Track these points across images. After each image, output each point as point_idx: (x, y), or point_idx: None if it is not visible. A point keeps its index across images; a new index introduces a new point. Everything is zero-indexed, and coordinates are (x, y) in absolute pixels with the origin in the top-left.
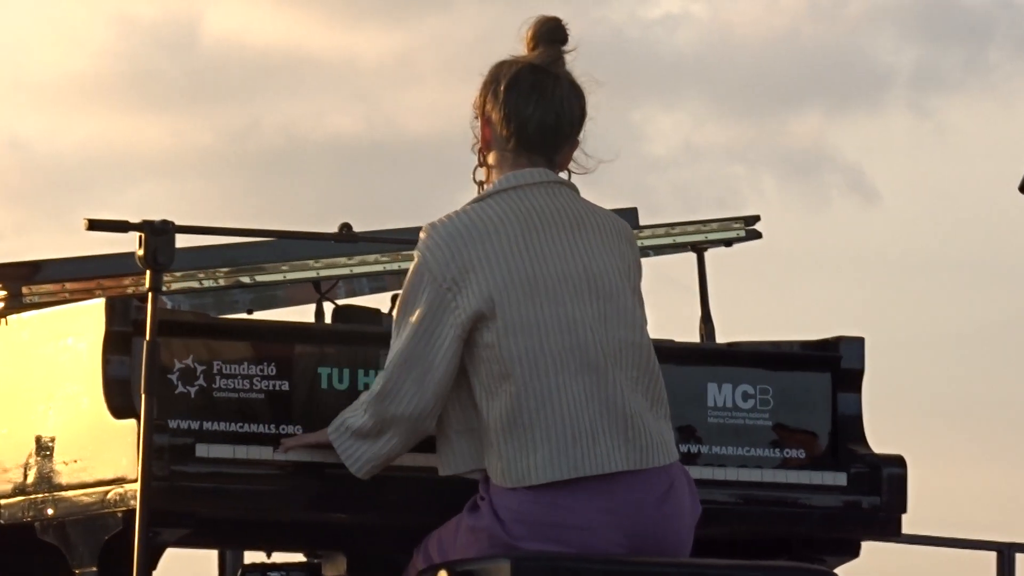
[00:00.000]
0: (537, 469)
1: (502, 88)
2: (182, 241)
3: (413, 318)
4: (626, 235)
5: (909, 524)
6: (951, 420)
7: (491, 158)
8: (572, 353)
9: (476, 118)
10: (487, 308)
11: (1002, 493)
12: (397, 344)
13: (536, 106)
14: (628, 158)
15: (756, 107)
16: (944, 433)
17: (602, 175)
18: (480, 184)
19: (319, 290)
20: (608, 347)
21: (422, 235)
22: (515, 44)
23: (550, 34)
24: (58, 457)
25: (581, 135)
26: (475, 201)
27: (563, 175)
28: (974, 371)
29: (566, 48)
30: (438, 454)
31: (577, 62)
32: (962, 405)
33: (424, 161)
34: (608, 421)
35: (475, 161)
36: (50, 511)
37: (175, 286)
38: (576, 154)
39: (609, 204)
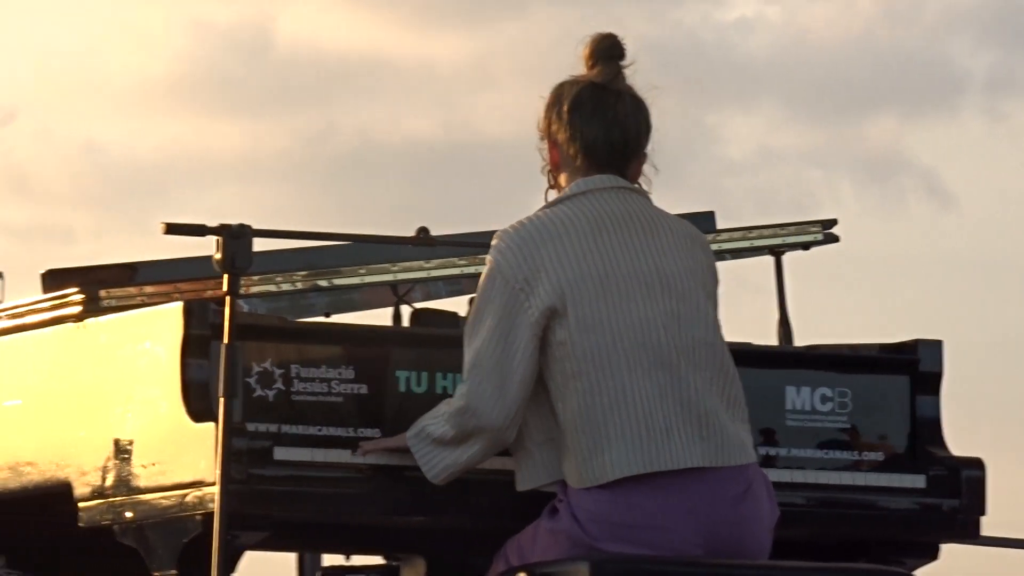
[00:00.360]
0: (612, 465)
1: (565, 109)
2: (259, 245)
3: (488, 323)
4: (700, 241)
5: (988, 526)
6: None
7: (562, 179)
8: (644, 350)
9: (542, 139)
10: (559, 304)
11: None
12: (472, 352)
13: (600, 126)
14: (704, 161)
15: (832, 111)
16: (1022, 435)
17: (679, 178)
18: None
19: (396, 293)
20: (681, 345)
21: (494, 241)
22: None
23: (608, 51)
24: (136, 460)
25: (649, 147)
26: (546, 206)
27: None
28: None
29: (624, 63)
30: (516, 468)
31: (653, 65)
32: None
33: (501, 165)
34: (683, 418)
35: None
36: (129, 514)
37: (253, 289)
38: (645, 168)
39: (686, 207)
